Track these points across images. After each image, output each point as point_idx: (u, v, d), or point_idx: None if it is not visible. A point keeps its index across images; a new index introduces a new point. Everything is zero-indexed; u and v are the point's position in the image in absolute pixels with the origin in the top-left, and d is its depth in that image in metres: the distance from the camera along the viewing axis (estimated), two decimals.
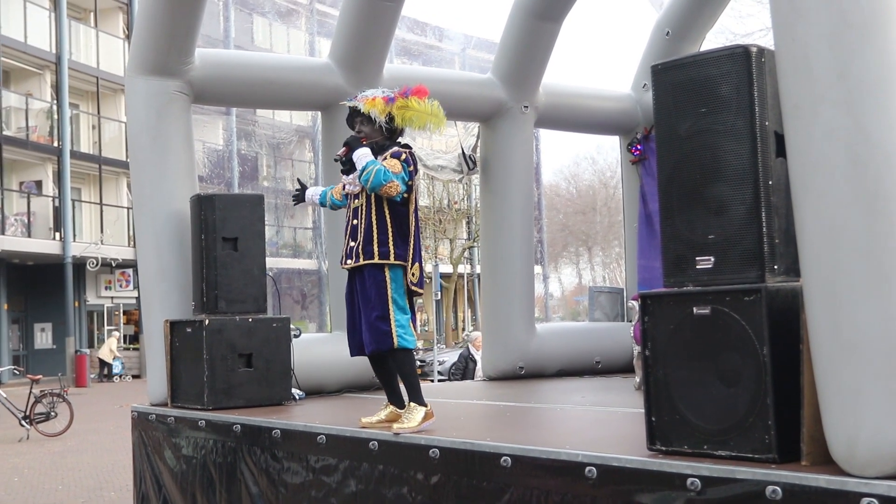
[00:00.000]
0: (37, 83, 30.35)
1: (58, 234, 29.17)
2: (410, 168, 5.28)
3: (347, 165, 5.41)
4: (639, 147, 9.98)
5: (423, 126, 5.39)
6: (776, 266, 3.73)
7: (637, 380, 7.18)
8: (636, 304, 5.15)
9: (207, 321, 6.83)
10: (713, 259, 3.85)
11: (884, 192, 3.14)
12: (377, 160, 5.21)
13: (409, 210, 5.33)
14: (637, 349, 7.16)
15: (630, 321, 8.79)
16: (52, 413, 14.81)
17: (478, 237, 32.12)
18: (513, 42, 9.02)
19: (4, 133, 28.17)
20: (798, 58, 3.32)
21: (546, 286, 49.21)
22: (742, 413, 3.63)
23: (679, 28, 9.64)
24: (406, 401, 5.27)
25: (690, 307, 3.82)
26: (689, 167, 3.94)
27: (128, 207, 30.71)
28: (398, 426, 5.05)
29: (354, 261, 5.32)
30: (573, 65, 71.33)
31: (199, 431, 6.51)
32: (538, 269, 40.91)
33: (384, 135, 5.40)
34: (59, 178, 29.49)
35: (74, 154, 30.12)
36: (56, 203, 29.59)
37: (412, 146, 5.56)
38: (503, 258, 9.17)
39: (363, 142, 5.37)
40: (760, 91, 3.77)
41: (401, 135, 5.49)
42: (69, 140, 29.67)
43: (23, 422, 14.56)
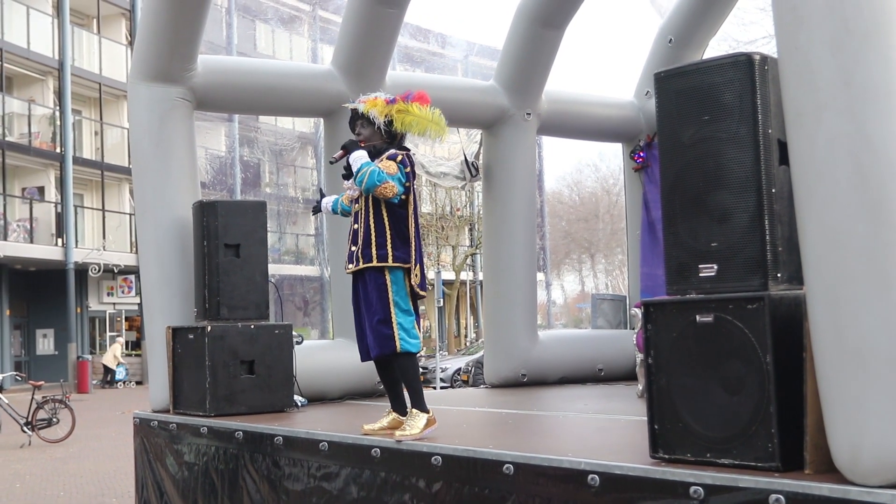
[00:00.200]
0: (39, 89, 30.38)
1: (60, 241, 29.18)
2: (407, 169, 5.27)
3: (348, 170, 5.42)
4: (642, 154, 9.99)
5: (424, 132, 5.38)
6: (779, 274, 3.72)
7: (640, 387, 7.16)
8: (639, 312, 5.15)
9: (209, 328, 6.83)
10: (716, 267, 3.84)
11: (887, 200, 3.14)
12: (373, 162, 5.21)
13: (409, 212, 5.32)
14: (640, 357, 7.15)
15: (633, 329, 8.79)
16: (54, 419, 14.78)
17: (480, 244, 32.14)
18: (515, 49, 9.03)
19: (7, 139, 28.21)
20: (801, 65, 3.32)
21: (549, 293, 49.20)
22: (745, 421, 3.62)
23: (682, 35, 9.65)
24: (409, 407, 5.26)
25: (693, 315, 3.81)
26: (692, 175, 3.94)
27: (130, 214, 30.72)
28: (400, 433, 5.04)
29: (355, 265, 5.34)
30: (576, 72, 71.38)
31: (201, 438, 6.50)
32: (541, 276, 40.84)
33: (383, 138, 5.39)
34: (62, 184, 29.51)
35: (77, 160, 30.12)
36: (58, 209, 29.60)
37: (414, 152, 5.56)
38: (506, 265, 9.17)
39: (361, 145, 5.37)
40: (763, 99, 3.77)
41: (402, 140, 5.48)
42: (72, 146, 29.68)
43: (24, 428, 14.54)
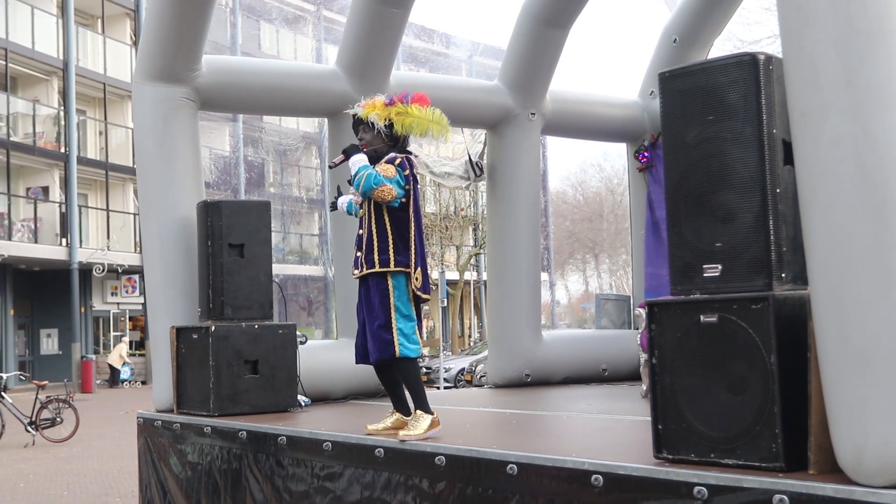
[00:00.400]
0: (44, 89, 30.42)
1: (64, 240, 29.20)
2: (406, 172, 5.25)
3: None
4: (646, 154, 9.98)
5: (425, 133, 5.36)
6: (784, 274, 3.72)
7: (644, 387, 7.16)
8: (643, 312, 5.14)
9: (213, 327, 6.83)
10: (720, 267, 3.84)
11: (892, 200, 3.13)
12: (371, 166, 5.21)
13: (409, 215, 5.31)
14: (644, 357, 7.14)
15: (637, 329, 8.78)
16: (58, 419, 14.79)
17: (484, 244, 32.16)
18: (520, 49, 9.03)
19: (12, 139, 28.24)
20: (806, 65, 3.31)
21: (553, 293, 49.18)
22: (749, 421, 3.61)
23: (687, 35, 9.64)
24: (412, 408, 5.26)
25: (697, 315, 3.81)
26: (697, 175, 3.93)
27: (134, 213, 30.73)
28: (404, 433, 5.04)
29: (360, 271, 5.35)
30: (580, 72, 71.34)
31: (205, 438, 6.50)
32: (545, 276, 40.84)
33: (385, 142, 5.38)
34: (66, 184, 29.52)
35: (81, 160, 30.14)
36: (63, 209, 29.62)
37: (418, 154, 5.54)
38: (510, 265, 9.16)
39: (363, 148, 5.37)
40: (768, 99, 3.77)
41: (405, 143, 5.46)
42: (76, 146, 29.70)
43: (28, 427, 14.55)
